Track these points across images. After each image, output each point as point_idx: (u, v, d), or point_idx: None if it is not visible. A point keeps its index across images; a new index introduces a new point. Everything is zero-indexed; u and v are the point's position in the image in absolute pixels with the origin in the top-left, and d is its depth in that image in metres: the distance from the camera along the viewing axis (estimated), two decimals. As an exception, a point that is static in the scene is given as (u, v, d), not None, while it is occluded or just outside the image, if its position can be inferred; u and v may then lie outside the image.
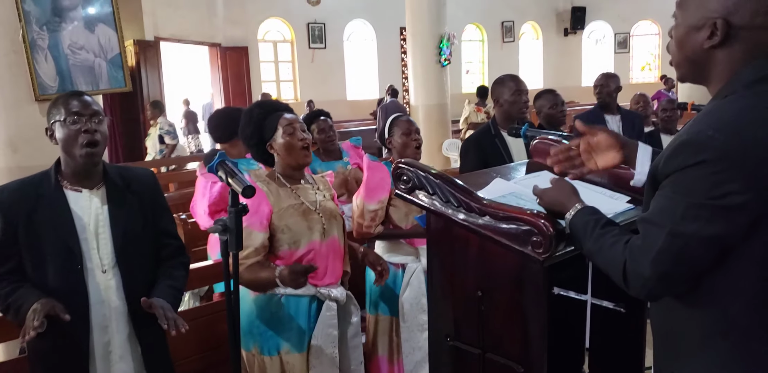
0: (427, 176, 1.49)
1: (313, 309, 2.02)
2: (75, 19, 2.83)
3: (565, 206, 1.30)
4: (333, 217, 2.06)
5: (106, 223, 1.71)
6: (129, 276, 1.73)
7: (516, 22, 14.48)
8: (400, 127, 2.50)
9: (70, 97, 1.70)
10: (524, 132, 2.24)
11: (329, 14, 12.07)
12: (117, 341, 1.72)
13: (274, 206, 1.95)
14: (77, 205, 1.69)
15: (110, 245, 1.70)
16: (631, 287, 1.11)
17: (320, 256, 2.01)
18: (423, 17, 7.91)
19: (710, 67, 1.13)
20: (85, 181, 1.71)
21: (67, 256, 1.65)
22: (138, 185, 1.79)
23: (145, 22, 8.72)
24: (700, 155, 1.01)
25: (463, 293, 1.48)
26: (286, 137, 1.97)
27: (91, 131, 1.65)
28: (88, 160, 1.67)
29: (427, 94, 8.08)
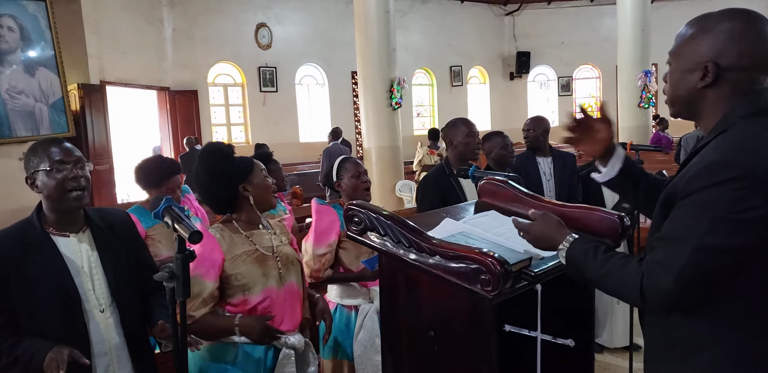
0: (378, 217, 1.50)
1: (270, 357, 1.95)
2: (14, 62, 2.79)
3: (555, 239, 1.35)
4: (290, 262, 2.03)
5: (98, 264, 1.76)
6: (126, 313, 1.79)
7: (464, 67, 15.04)
8: (348, 170, 2.52)
9: (51, 144, 1.72)
10: (472, 173, 2.30)
11: (280, 58, 12.24)
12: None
13: (227, 254, 1.91)
14: (68, 249, 1.73)
15: (105, 285, 1.76)
16: (650, 302, 1.16)
17: (276, 303, 1.96)
18: (374, 62, 8.14)
19: (703, 105, 1.26)
20: (70, 226, 1.76)
21: (65, 299, 1.68)
22: (119, 225, 1.86)
23: (90, 65, 8.59)
24: (727, 174, 1.10)
25: (416, 333, 1.47)
26: (264, 180, 2.00)
27: (78, 178, 1.69)
28: (78, 206, 1.71)
29: (379, 137, 8.22)
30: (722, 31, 1.21)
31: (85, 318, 1.71)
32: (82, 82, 8.29)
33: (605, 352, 3.74)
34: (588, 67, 15.65)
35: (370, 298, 2.45)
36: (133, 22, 9.98)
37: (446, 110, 14.37)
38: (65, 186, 1.67)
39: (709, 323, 1.16)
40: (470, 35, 14.89)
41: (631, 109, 9.69)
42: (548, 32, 15.00)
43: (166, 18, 10.87)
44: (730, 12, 1.24)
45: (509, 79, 15.70)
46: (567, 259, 1.32)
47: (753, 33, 1.20)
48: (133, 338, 1.79)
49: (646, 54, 9.52)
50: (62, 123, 2.97)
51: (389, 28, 8.21)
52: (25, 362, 1.59)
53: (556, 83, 15.78)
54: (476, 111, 15.28)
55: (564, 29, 14.89)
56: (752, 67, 1.21)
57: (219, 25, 11.40)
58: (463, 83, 15.11)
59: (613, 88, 12.54)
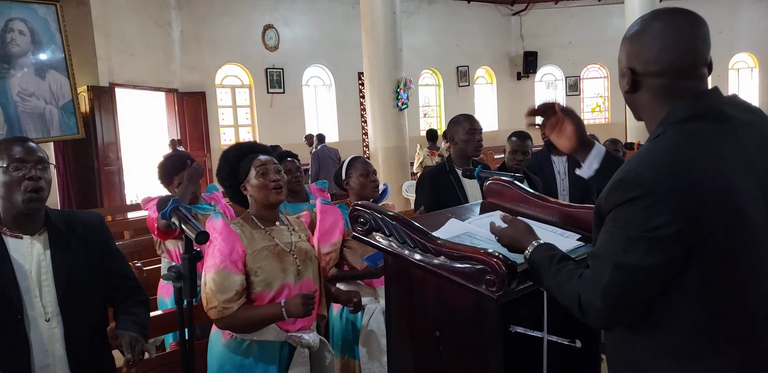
0: (383, 218, 1.51)
1: (284, 356, 1.97)
2: (25, 65, 2.82)
3: (522, 244, 1.35)
4: (308, 258, 2.06)
5: (48, 270, 1.65)
6: (73, 324, 1.67)
7: (470, 67, 15.03)
8: (357, 169, 2.54)
9: (14, 143, 1.66)
10: (477, 173, 2.30)
11: (287, 59, 12.28)
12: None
13: (248, 248, 1.94)
14: (17, 252, 1.63)
15: (53, 293, 1.65)
16: (587, 319, 1.16)
17: None
18: (380, 63, 8.15)
19: (637, 110, 1.26)
20: (25, 227, 1.67)
21: (6, 306, 1.59)
22: (83, 228, 1.75)
23: (99, 68, 8.66)
24: (633, 192, 1.08)
25: (421, 334, 1.47)
26: (259, 178, 1.98)
27: (35, 178, 1.62)
28: (31, 207, 1.63)
29: (385, 137, 8.23)
30: (639, 35, 1.19)
31: (26, 327, 1.61)
32: (92, 85, 8.36)
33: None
34: (596, 67, 15.59)
35: (376, 298, 2.46)
36: (141, 25, 10.04)
37: (453, 110, 14.35)
38: (20, 186, 1.60)
39: (651, 341, 1.13)
40: (477, 35, 14.87)
41: (639, 109, 9.64)
42: (556, 32, 14.96)
43: (174, 20, 10.93)
44: (653, 13, 1.21)
45: (516, 79, 15.67)
46: (529, 265, 1.32)
47: (664, 37, 1.15)
48: (79, 350, 1.67)
49: (654, 54, 9.46)
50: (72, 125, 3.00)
51: (396, 29, 8.21)
52: None
53: (563, 83, 15.74)
54: (483, 111, 15.26)
55: (571, 29, 14.84)
56: (663, 73, 1.17)
57: (226, 27, 11.45)
58: (469, 83, 15.10)
59: (621, 87, 12.48)
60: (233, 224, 2.00)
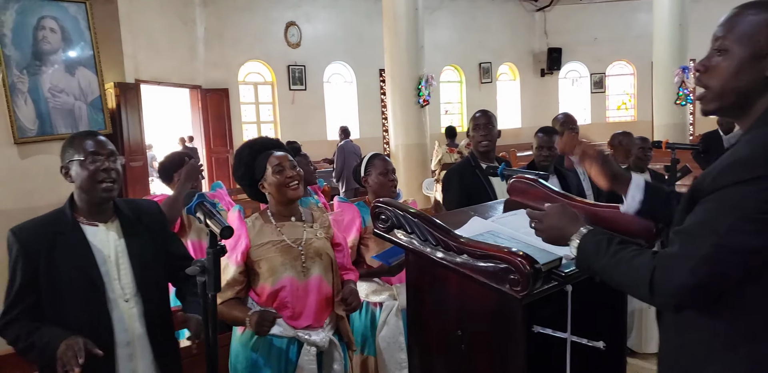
0: (405, 215, 1.51)
1: (293, 351, 1.98)
2: (55, 62, 2.87)
3: (568, 230, 1.30)
4: (318, 256, 2.04)
5: (124, 254, 1.79)
6: (150, 303, 1.81)
7: (493, 64, 14.91)
8: (376, 167, 2.54)
9: (86, 137, 1.77)
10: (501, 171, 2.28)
11: (309, 57, 12.32)
12: (141, 367, 1.78)
13: (252, 241, 1.98)
14: (95, 238, 1.76)
15: (130, 275, 1.78)
16: (657, 296, 1.11)
17: (297, 296, 1.99)
18: (401, 60, 8.12)
19: (758, 98, 1.16)
20: (99, 216, 1.79)
21: (90, 288, 1.72)
22: (147, 216, 1.89)
23: (125, 65, 8.80)
24: (755, 172, 1.05)
25: (442, 332, 1.47)
26: (276, 176, 2.00)
27: (109, 170, 1.73)
28: (108, 197, 1.75)
29: (406, 135, 8.21)
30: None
31: (108, 307, 1.74)
32: (118, 81, 8.49)
33: (637, 356, 3.67)
34: (622, 64, 15.34)
35: (394, 295, 2.46)
36: (166, 22, 10.16)
37: (475, 107, 14.16)
38: (96, 177, 1.71)
39: (728, 326, 1.10)
40: (500, 32, 14.74)
41: (667, 107, 9.48)
42: (580, 28, 14.74)
43: (198, 17, 11.04)
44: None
45: (540, 75, 15.49)
46: (578, 250, 1.27)
47: None
48: (155, 328, 1.81)
49: (684, 49, 9.29)
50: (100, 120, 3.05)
51: (418, 26, 8.17)
52: (40, 348, 1.64)
53: (588, 80, 15.52)
54: (506, 108, 15.13)
55: (597, 25, 14.61)
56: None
57: (249, 24, 11.53)
58: (492, 80, 14.98)
59: (648, 84, 12.26)
60: (249, 218, 2.04)
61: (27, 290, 1.69)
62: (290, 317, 1.98)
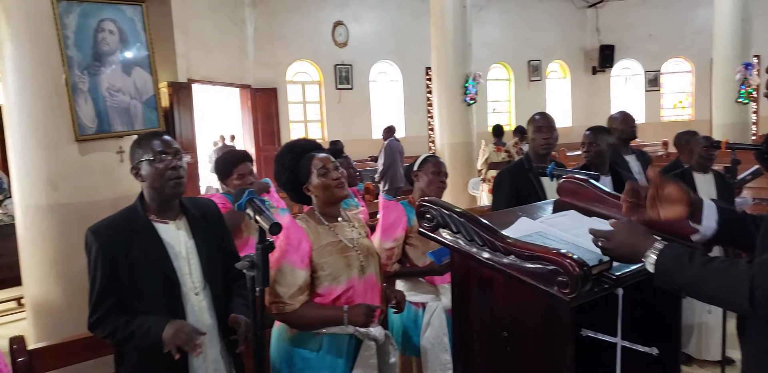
0: (451, 215, 1.49)
1: (351, 349, 2.00)
2: (113, 63, 2.97)
3: (640, 246, 1.26)
4: (370, 254, 2.08)
5: (193, 249, 1.86)
6: (217, 296, 1.89)
7: (543, 61, 14.63)
8: (430, 166, 2.55)
9: (153, 137, 1.84)
10: (550, 171, 2.24)
11: (356, 56, 12.39)
12: (211, 356, 1.86)
13: (314, 244, 1.98)
14: (167, 235, 1.83)
15: (199, 269, 1.85)
16: (760, 305, 1.07)
17: (358, 293, 2.01)
18: (448, 58, 8.07)
19: None
20: (168, 214, 1.86)
21: (166, 283, 1.80)
22: (210, 214, 1.96)
23: (178, 64, 9.07)
24: None
25: (488, 334, 1.45)
26: (321, 178, 2.01)
27: (177, 167, 1.80)
28: (177, 193, 1.82)
29: (452, 133, 8.14)
30: None
31: (182, 301, 1.82)
32: (171, 80, 8.76)
33: (693, 364, 3.53)
34: (679, 61, 14.77)
35: (438, 296, 2.44)
36: (217, 22, 10.42)
37: (524, 106, 14.04)
38: (166, 175, 1.78)
39: None
40: (550, 29, 14.43)
41: (727, 105, 9.06)
42: (635, 24, 14.28)
43: (248, 17, 11.27)
44: None
45: (591, 73, 15.09)
46: (657, 267, 1.22)
47: None
48: (222, 319, 1.88)
49: (747, 45, 8.87)
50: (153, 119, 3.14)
51: (465, 23, 8.10)
52: (141, 335, 1.72)
53: (642, 78, 15.01)
54: (556, 107, 14.81)
55: (653, 21, 14.12)
56: None
57: (298, 23, 11.69)
58: (542, 78, 14.70)
59: (706, 82, 11.77)
60: (298, 220, 2.03)
61: (110, 287, 1.77)
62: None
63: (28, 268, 3.01)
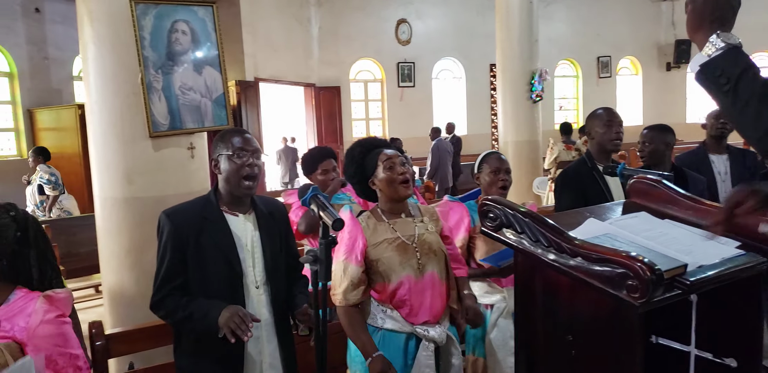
0: (515, 214, 1.46)
1: (411, 347, 1.99)
2: (185, 62, 3.09)
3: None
4: (431, 252, 2.04)
5: (258, 244, 1.90)
6: (276, 291, 1.93)
7: (613, 57, 14.12)
8: (489, 165, 2.49)
9: (235, 134, 1.91)
10: (620, 171, 2.15)
11: (419, 53, 12.37)
12: (267, 350, 1.89)
13: (369, 240, 1.99)
14: (236, 227, 1.89)
15: (262, 264, 1.90)
16: None
17: (414, 292, 1.99)
18: (514, 54, 7.93)
19: None
20: (239, 207, 1.92)
21: (230, 272, 1.84)
22: (277, 213, 2.01)
23: (246, 63, 9.34)
24: None
25: (552, 337, 1.41)
26: (387, 172, 2.02)
27: (253, 165, 1.85)
28: (249, 188, 1.87)
29: (517, 131, 7.99)
30: None
31: (243, 292, 1.86)
32: (239, 79, 9.04)
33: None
34: (763, 55, 13.88)
35: (505, 297, 2.40)
36: (283, 22, 10.66)
37: (592, 103, 13.58)
38: (241, 172, 1.84)
39: None
40: (621, 23, 13.90)
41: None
42: (713, 17, 13.52)
43: (313, 17, 11.47)
44: None
45: (665, 69, 14.44)
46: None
47: None
48: (280, 315, 1.92)
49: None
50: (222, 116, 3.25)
51: (532, 19, 7.93)
52: (199, 317, 1.77)
53: (721, 73, 14.20)
54: (626, 104, 14.27)
55: (735, 13, 13.32)
56: None
57: (361, 22, 11.79)
58: (611, 75, 14.19)
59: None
60: (361, 217, 2.05)
61: (176, 269, 1.84)
62: (408, 314, 1.99)
63: (105, 257, 3.18)
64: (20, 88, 8.79)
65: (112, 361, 2.33)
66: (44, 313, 1.49)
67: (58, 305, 1.52)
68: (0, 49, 8.69)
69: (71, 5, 3.27)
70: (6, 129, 8.86)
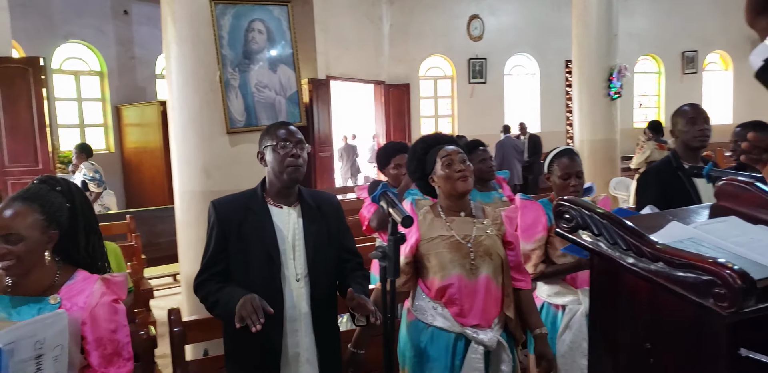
0: (592, 215, 1.40)
1: (459, 348, 1.97)
2: (261, 60, 3.18)
3: None
4: (487, 255, 1.99)
5: (300, 236, 1.90)
6: (317, 285, 1.90)
7: (699, 52, 13.35)
8: (560, 167, 2.38)
9: (280, 126, 1.95)
10: (707, 172, 2.03)
11: (491, 49, 12.18)
12: (305, 344, 1.88)
13: (423, 234, 1.99)
14: (279, 219, 1.90)
15: (303, 257, 1.89)
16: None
17: (465, 293, 1.96)
18: (591, 50, 7.65)
19: None
20: (285, 199, 1.93)
21: (269, 264, 1.86)
22: (326, 207, 1.99)
23: (318, 62, 9.52)
24: None
25: (629, 344, 1.35)
26: (445, 169, 2.00)
27: (296, 156, 1.87)
28: (293, 180, 1.88)
29: (593, 129, 7.71)
30: None
31: (282, 284, 1.85)
32: (311, 77, 9.22)
33: None
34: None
35: (579, 299, 2.32)
36: (355, 20, 10.77)
37: (675, 100, 12.86)
38: (285, 162, 1.85)
39: None
40: (710, 16, 13.10)
41: None
42: (815, 7, 12.49)
43: (384, 15, 11.52)
44: None
45: (758, 64, 13.48)
46: None
47: None
48: (319, 309, 1.89)
49: None
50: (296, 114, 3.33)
51: (611, 13, 7.62)
52: (223, 304, 1.79)
53: (823, 68, 13.12)
54: (714, 102, 13.46)
55: (838, 2, 12.26)
56: None
57: (433, 19, 11.73)
58: (698, 70, 13.42)
59: None
60: (420, 211, 2.04)
61: (219, 256, 1.89)
62: (458, 314, 1.96)
63: (183, 247, 3.33)
64: (109, 86, 9.37)
65: (189, 347, 2.43)
66: (101, 295, 1.55)
67: (114, 288, 1.59)
68: (92, 50, 9.30)
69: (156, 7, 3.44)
70: (96, 124, 9.47)
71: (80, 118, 9.30)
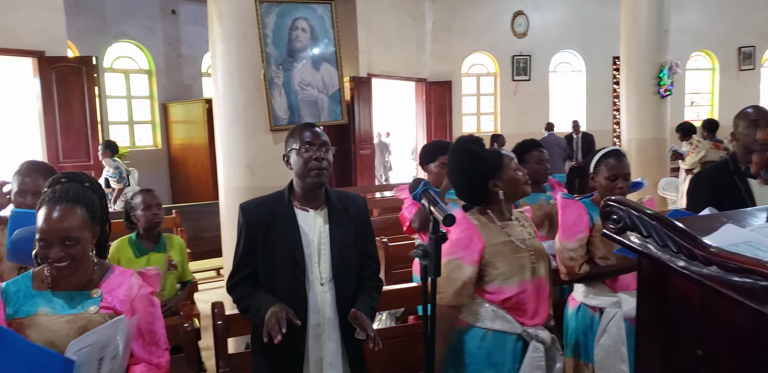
0: (641, 217, 1.35)
1: (518, 349, 1.95)
2: (304, 58, 3.21)
3: None
4: (541, 256, 2.02)
5: (326, 240, 1.88)
6: (342, 290, 1.87)
7: (758, 48, 12.76)
8: (607, 169, 2.32)
9: (304, 128, 1.92)
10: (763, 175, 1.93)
11: (536, 46, 11.96)
12: (329, 350, 1.86)
13: (487, 241, 1.95)
14: (305, 222, 1.88)
15: (329, 261, 1.87)
16: None
17: (530, 295, 1.96)
18: (640, 46, 7.42)
19: None
20: (311, 202, 1.91)
21: (294, 268, 1.84)
22: (353, 209, 1.96)
23: (360, 60, 9.55)
24: None
25: (678, 350, 1.30)
26: (516, 173, 2.00)
27: (320, 159, 1.85)
28: (317, 184, 1.86)
29: (641, 128, 7.48)
30: None
31: (306, 288, 1.83)
32: (353, 75, 9.26)
33: None
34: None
35: (617, 302, 2.26)
36: (398, 18, 10.75)
37: (730, 98, 12.41)
38: (309, 165, 1.83)
39: None
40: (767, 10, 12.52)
41: None
42: None
43: (427, 12, 11.45)
44: None
45: (823, 59, 12.82)
46: None
47: None
48: (344, 314, 1.85)
49: None
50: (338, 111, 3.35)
51: (662, 8, 7.36)
52: (253, 311, 1.80)
53: None
54: (770, 100, 12.87)
55: None
56: None
57: (476, 16, 11.60)
58: (755, 67, 12.84)
59: None
60: (470, 215, 2.01)
61: (248, 259, 1.89)
62: (523, 316, 1.95)
63: (227, 242, 3.40)
64: (157, 84, 9.64)
65: (231, 340, 2.48)
66: (139, 288, 1.59)
67: (150, 281, 1.63)
68: (141, 49, 9.58)
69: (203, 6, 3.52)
70: (144, 121, 9.77)
71: (129, 116, 9.62)
